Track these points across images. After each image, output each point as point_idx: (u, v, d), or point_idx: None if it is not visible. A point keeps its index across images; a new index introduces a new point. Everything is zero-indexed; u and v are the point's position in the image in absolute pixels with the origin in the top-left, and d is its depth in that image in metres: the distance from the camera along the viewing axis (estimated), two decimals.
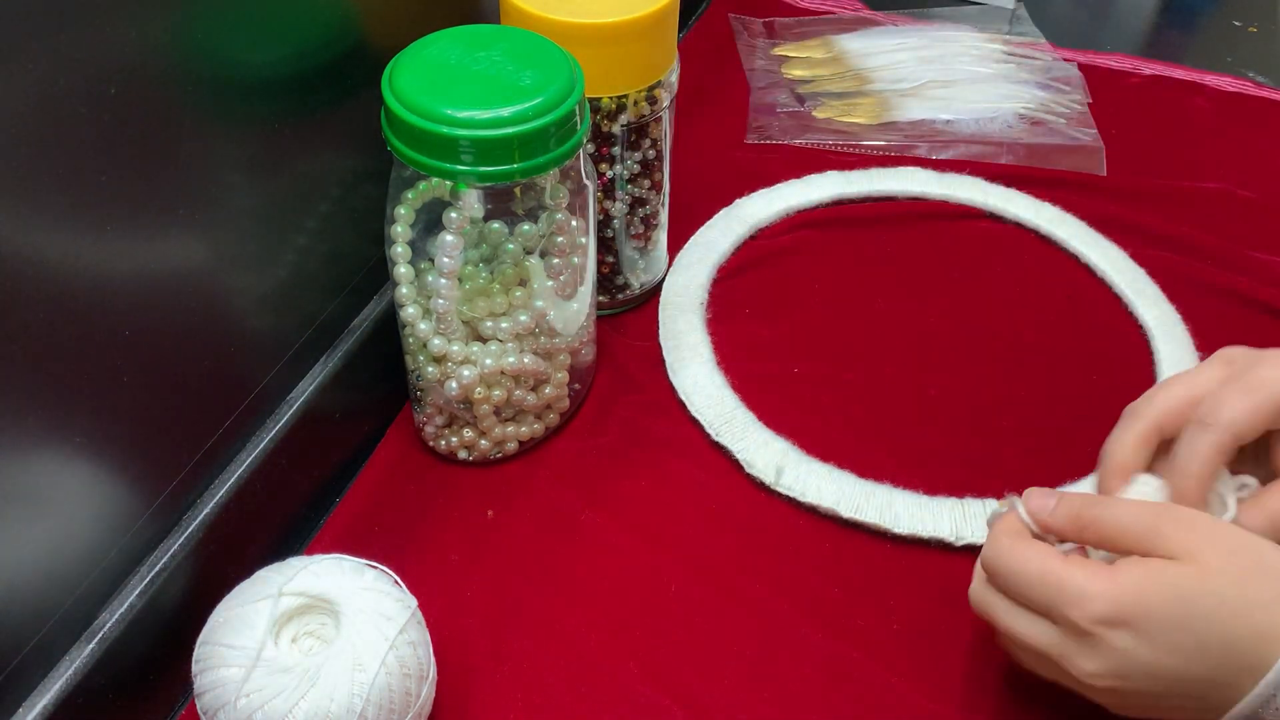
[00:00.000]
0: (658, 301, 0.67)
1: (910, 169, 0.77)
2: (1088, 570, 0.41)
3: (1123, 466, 0.46)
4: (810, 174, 0.76)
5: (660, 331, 0.65)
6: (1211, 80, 0.87)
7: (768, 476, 0.57)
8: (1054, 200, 0.75)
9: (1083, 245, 0.72)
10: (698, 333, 0.65)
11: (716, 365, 0.63)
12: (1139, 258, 0.71)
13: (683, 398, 0.61)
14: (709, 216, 0.73)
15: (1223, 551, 0.40)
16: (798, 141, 0.80)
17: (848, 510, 0.55)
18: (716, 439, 0.59)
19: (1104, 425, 0.48)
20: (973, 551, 0.54)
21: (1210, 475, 0.44)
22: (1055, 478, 0.57)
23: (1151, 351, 0.65)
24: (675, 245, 0.70)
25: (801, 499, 0.56)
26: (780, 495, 0.57)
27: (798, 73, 0.87)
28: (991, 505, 0.54)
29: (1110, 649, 0.40)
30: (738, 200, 0.74)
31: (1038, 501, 0.44)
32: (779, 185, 0.75)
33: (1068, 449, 0.58)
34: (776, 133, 0.81)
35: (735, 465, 0.58)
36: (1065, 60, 0.89)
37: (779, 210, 0.74)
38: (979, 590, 0.45)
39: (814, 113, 0.83)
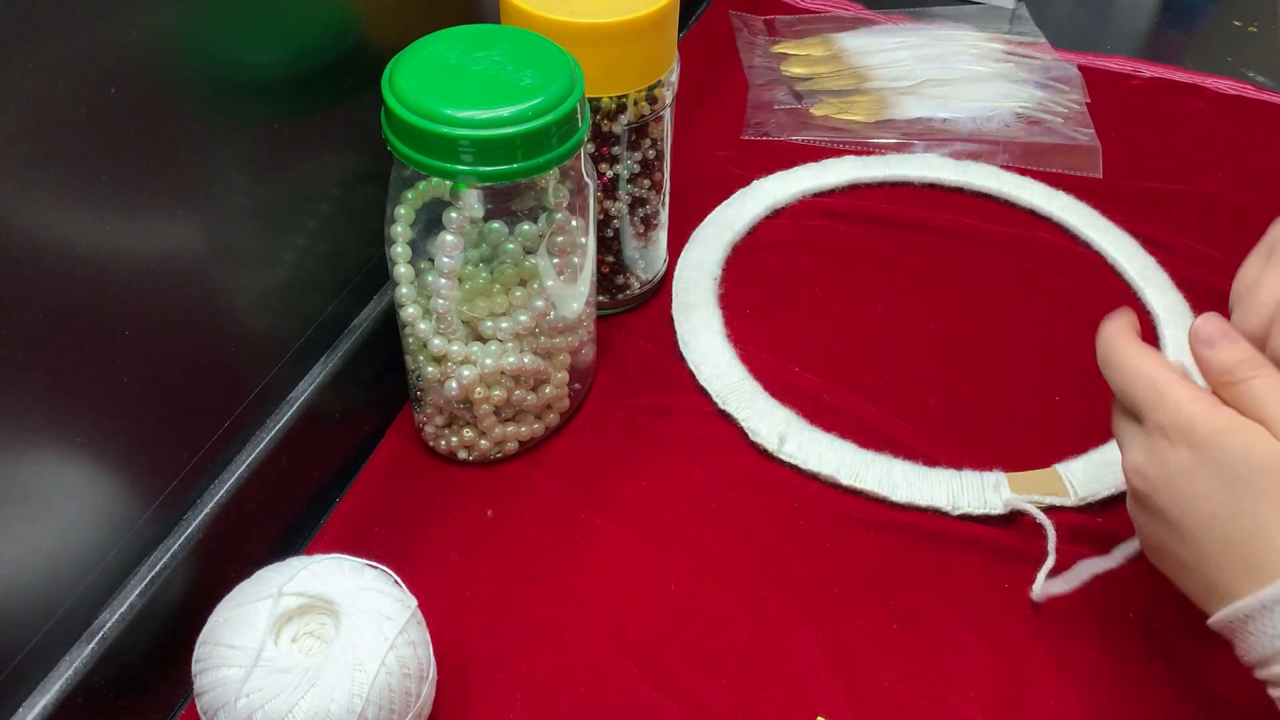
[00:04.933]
0: (658, 301, 0.67)
1: (927, 156, 0.78)
2: (1194, 393, 0.42)
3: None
4: (826, 159, 0.78)
5: (673, 304, 0.67)
6: (1211, 83, 0.87)
7: (770, 444, 0.58)
8: None
9: (1093, 233, 0.72)
10: (709, 306, 0.66)
11: (727, 338, 0.64)
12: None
13: (692, 368, 0.62)
14: (709, 215, 0.74)
15: None
16: (794, 138, 0.80)
17: (847, 478, 0.56)
18: (723, 407, 0.60)
19: (1105, 408, 0.48)
20: (969, 522, 0.56)
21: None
22: (1057, 456, 0.58)
23: (1158, 338, 0.66)
24: (675, 244, 0.70)
25: (803, 466, 0.57)
26: (782, 479, 0.57)
27: (796, 70, 0.87)
28: (989, 479, 0.56)
29: (1170, 458, 0.41)
30: (755, 181, 0.75)
31: (1219, 325, 0.43)
32: (795, 169, 0.77)
33: (1071, 430, 0.59)
34: (773, 129, 0.81)
35: (737, 440, 0.59)
36: (1065, 62, 0.89)
37: (794, 192, 0.75)
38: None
39: (811, 110, 0.83)
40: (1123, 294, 0.69)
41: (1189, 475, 0.41)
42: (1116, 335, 0.45)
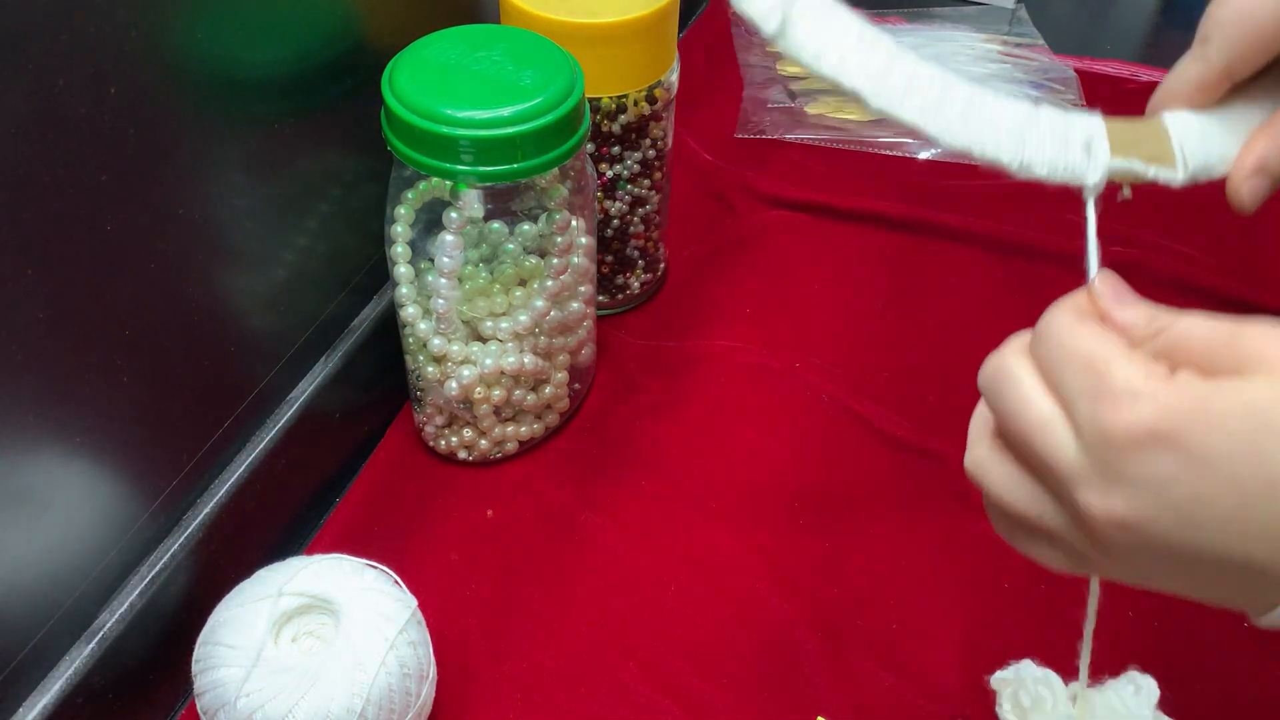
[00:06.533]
0: (658, 301, 0.67)
1: None
2: (1145, 369, 0.30)
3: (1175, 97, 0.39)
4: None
5: None
6: None
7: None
8: (1036, 200, 0.75)
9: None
10: None
11: None
12: (1120, 259, 0.70)
13: None
14: (709, 215, 0.73)
15: None
16: (788, 137, 0.80)
17: (877, 101, 0.37)
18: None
19: None
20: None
21: (1198, 98, 0.39)
22: None
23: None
24: (675, 245, 0.70)
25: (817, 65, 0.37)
26: (780, 472, 0.57)
27: (792, 69, 0.87)
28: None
29: (1143, 474, 0.29)
30: None
31: (1113, 284, 0.33)
32: None
33: None
34: (768, 128, 0.81)
35: (735, 436, 0.58)
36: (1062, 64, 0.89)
37: None
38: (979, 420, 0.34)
39: (806, 109, 0.83)
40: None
41: (1192, 473, 0.29)
42: (1064, 308, 0.34)
